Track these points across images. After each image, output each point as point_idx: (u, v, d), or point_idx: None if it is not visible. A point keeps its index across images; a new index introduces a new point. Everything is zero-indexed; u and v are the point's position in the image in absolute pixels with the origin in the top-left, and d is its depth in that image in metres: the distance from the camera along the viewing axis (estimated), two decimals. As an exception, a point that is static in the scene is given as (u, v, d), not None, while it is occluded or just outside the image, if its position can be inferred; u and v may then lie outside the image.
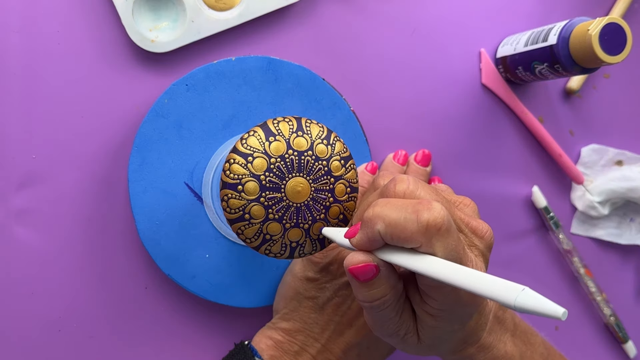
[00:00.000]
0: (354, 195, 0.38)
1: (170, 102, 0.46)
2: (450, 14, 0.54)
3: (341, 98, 0.50)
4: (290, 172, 0.36)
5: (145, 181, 0.46)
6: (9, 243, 0.47)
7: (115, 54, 0.48)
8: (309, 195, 0.37)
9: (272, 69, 0.48)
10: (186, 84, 0.47)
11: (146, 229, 0.46)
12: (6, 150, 0.46)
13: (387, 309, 0.34)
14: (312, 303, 0.45)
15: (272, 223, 0.36)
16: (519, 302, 0.24)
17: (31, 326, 0.47)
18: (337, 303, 0.45)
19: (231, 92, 0.47)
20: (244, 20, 0.48)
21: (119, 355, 0.49)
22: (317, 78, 0.49)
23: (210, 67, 0.47)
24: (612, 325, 0.58)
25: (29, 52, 0.47)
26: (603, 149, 0.57)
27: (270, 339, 0.46)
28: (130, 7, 0.46)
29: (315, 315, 0.45)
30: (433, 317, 0.34)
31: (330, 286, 0.45)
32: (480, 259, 0.34)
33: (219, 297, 0.48)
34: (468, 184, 0.54)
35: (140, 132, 0.46)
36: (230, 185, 0.35)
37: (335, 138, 0.38)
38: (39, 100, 0.47)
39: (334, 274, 0.45)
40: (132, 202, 0.46)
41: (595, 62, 0.45)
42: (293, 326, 0.45)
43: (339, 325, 0.45)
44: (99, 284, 0.48)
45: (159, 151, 0.46)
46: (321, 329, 0.45)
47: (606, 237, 0.58)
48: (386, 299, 0.33)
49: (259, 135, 0.36)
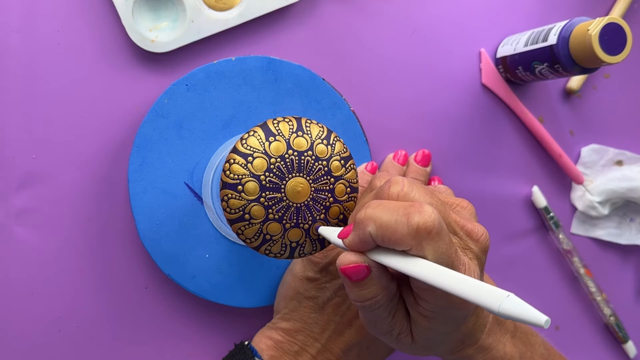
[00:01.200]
0: (354, 196, 0.38)
1: (170, 102, 0.46)
2: (450, 14, 0.54)
3: (341, 98, 0.50)
4: (290, 172, 0.36)
5: (145, 181, 0.46)
6: (9, 243, 0.47)
7: (115, 54, 0.48)
8: (309, 196, 0.37)
9: (272, 69, 0.48)
10: (186, 84, 0.47)
11: (146, 229, 0.46)
12: (6, 150, 0.46)
13: (379, 309, 0.34)
14: (312, 303, 0.45)
15: (272, 223, 0.36)
16: (503, 309, 0.25)
17: (31, 326, 0.47)
18: (337, 303, 0.45)
19: (231, 92, 0.47)
20: (244, 20, 0.48)
21: (119, 355, 0.49)
22: (317, 78, 0.49)
23: (210, 67, 0.47)
24: (612, 325, 0.58)
25: (29, 52, 0.47)
26: (603, 149, 0.57)
27: (270, 339, 0.46)
28: (130, 7, 0.46)
29: (315, 315, 0.45)
30: (426, 318, 0.34)
31: (330, 286, 0.45)
32: (474, 262, 0.34)
33: (219, 297, 0.48)
34: (468, 184, 0.54)
35: (140, 132, 0.46)
36: (230, 185, 0.35)
37: (335, 138, 0.38)
38: (39, 101, 0.47)
39: (334, 274, 0.45)
40: (132, 202, 0.46)
41: (595, 62, 0.45)
42: (293, 326, 0.45)
43: (338, 325, 0.45)
44: (99, 284, 0.48)
45: (159, 151, 0.46)
46: (321, 329, 0.45)
47: (606, 237, 0.58)
48: (378, 299, 0.33)
49: (259, 135, 0.36)
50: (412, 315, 0.35)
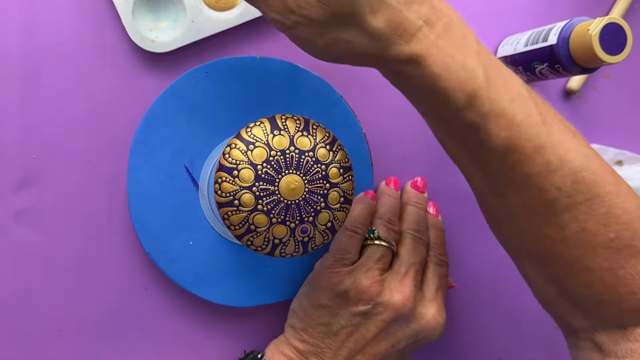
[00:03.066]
0: (346, 206, 0.38)
1: (188, 85, 0.46)
2: (450, 14, 0.54)
3: (354, 118, 0.49)
4: (287, 168, 0.36)
5: (146, 156, 0.46)
6: (9, 243, 0.47)
7: (115, 54, 0.48)
8: (301, 195, 0.37)
9: (293, 75, 0.48)
10: (207, 71, 0.47)
11: (137, 204, 0.46)
12: (6, 150, 0.46)
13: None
14: (325, 329, 0.45)
15: (260, 214, 0.36)
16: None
17: (31, 326, 0.47)
18: (350, 331, 0.44)
19: (249, 89, 0.47)
20: (244, 20, 0.48)
21: (119, 355, 0.49)
22: (335, 93, 0.49)
23: (234, 60, 0.47)
24: (612, 325, 0.57)
25: (29, 52, 0.47)
26: (603, 149, 0.57)
27: (283, 355, 0.45)
28: (130, 8, 0.46)
29: (328, 340, 0.45)
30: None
31: (344, 313, 0.44)
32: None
33: (194, 287, 0.47)
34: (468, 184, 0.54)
35: (153, 107, 0.46)
36: (227, 168, 0.35)
37: (339, 146, 0.38)
38: (39, 101, 0.47)
39: (348, 301, 0.44)
40: (129, 175, 0.46)
41: (595, 62, 0.45)
42: (306, 348, 0.45)
43: (351, 352, 0.45)
44: (99, 284, 0.48)
45: (166, 130, 0.46)
46: (333, 354, 0.45)
47: (606, 237, 0.58)
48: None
49: (264, 126, 0.36)
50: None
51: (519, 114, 0.35)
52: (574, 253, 0.37)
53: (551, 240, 0.37)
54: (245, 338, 0.50)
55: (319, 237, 0.38)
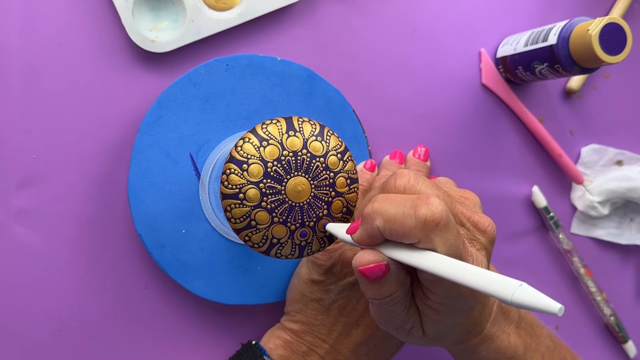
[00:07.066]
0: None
1: (206, 74, 0.47)
2: (450, 14, 0.54)
3: (362, 134, 0.50)
4: (297, 170, 0.36)
5: (154, 138, 0.46)
6: (9, 243, 0.47)
7: (115, 54, 0.48)
8: (306, 199, 0.37)
9: (309, 82, 0.49)
10: (227, 64, 0.47)
11: (136, 183, 0.46)
12: (6, 150, 0.46)
13: (396, 305, 0.34)
14: (318, 305, 0.45)
15: (262, 212, 0.36)
16: (516, 298, 0.25)
17: (31, 326, 0.47)
18: (342, 304, 0.45)
19: (265, 88, 0.48)
20: (244, 20, 0.48)
21: (119, 355, 0.49)
22: (348, 107, 0.50)
23: (255, 57, 0.48)
24: (612, 325, 0.58)
25: (29, 52, 0.47)
26: (603, 149, 0.57)
27: (279, 338, 0.46)
28: (130, 7, 0.46)
29: (321, 316, 0.45)
30: (435, 311, 0.34)
31: (335, 288, 0.45)
32: (482, 252, 0.34)
33: (180, 276, 0.47)
34: (468, 183, 0.54)
35: (167, 91, 0.47)
36: (237, 161, 0.35)
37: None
38: (39, 101, 0.47)
39: (338, 275, 0.45)
40: (133, 154, 0.46)
41: (595, 62, 0.45)
42: (300, 327, 0.46)
43: (345, 326, 0.45)
44: (99, 283, 0.48)
45: (177, 115, 0.47)
46: (328, 330, 0.45)
47: (606, 237, 0.58)
48: (395, 296, 0.33)
49: (280, 125, 0.36)
50: (421, 309, 0.35)
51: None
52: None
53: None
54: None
55: (316, 243, 0.38)
